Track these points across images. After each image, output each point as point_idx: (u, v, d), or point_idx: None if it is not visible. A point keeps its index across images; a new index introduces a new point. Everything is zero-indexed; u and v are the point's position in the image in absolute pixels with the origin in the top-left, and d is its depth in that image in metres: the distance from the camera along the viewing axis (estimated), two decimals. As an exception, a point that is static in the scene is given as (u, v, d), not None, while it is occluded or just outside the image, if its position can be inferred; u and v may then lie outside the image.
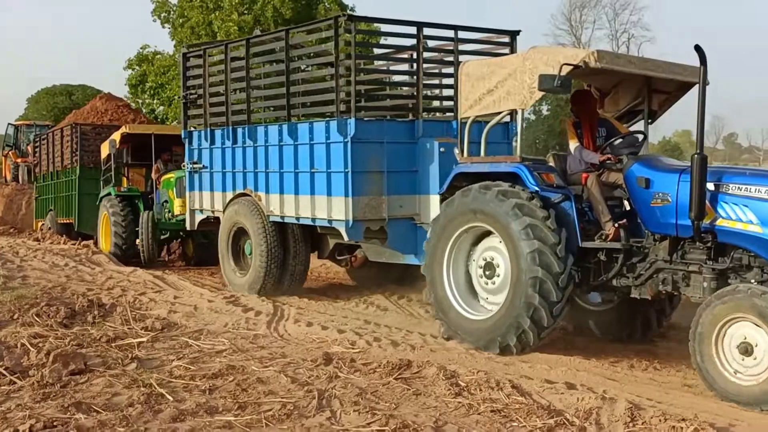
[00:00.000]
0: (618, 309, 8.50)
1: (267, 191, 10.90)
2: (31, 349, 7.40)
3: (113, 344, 7.97)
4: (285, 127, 10.51)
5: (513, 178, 7.93)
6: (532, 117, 39.32)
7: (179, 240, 16.57)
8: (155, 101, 33.19)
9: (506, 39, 10.41)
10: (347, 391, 6.25)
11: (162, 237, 15.64)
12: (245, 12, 32.33)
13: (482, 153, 8.52)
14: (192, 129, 12.67)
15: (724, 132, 58.92)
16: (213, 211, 12.17)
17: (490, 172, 8.13)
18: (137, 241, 15.80)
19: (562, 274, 7.42)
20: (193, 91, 12.45)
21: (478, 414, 5.76)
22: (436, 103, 11.25)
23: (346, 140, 9.50)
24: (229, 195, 11.66)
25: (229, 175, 11.71)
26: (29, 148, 31.64)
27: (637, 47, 52.26)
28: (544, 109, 40.62)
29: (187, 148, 12.71)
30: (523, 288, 7.48)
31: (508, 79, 8.01)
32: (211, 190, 12.14)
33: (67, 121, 23.60)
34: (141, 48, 34.51)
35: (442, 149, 9.47)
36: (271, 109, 11.26)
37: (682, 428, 5.35)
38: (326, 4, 32.57)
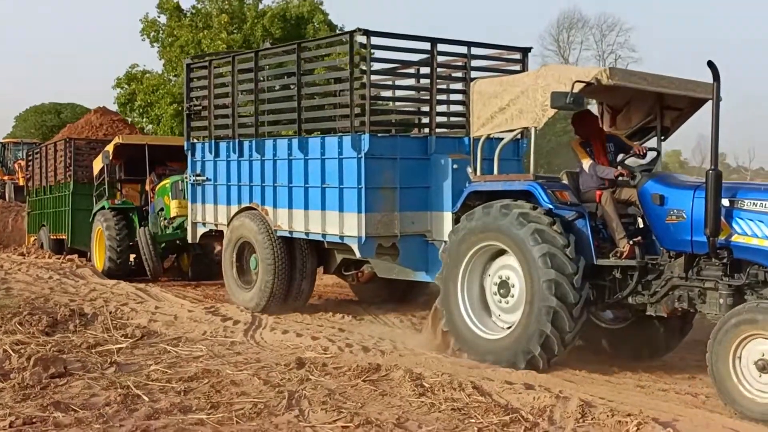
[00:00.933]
0: (635, 327, 8.43)
1: (275, 206, 10.81)
2: (13, 354, 7.63)
3: (93, 350, 8.30)
4: (295, 141, 10.45)
5: (526, 196, 7.91)
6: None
7: (174, 254, 16.36)
8: (144, 120, 33.01)
9: (518, 56, 10.45)
10: (317, 392, 6.60)
11: (161, 249, 15.40)
12: (234, 31, 32.29)
13: (495, 171, 8.54)
14: (195, 141, 12.55)
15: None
16: (216, 225, 12.03)
17: (503, 191, 8.11)
18: (132, 256, 15.66)
19: (576, 304, 7.39)
20: (197, 103, 12.32)
21: (439, 412, 6.13)
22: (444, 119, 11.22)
23: (359, 156, 9.46)
24: (234, 209, 11.55)
25: (234, 189, 11.60)
26: (16, 166, 31.51)
27: (624, 67, 52.78)
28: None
29: (189, 160, 12.58)
30: (537, 315, 7.45)
31: (521, 96, 8.03)
32: (215, 203, 12.01)
33: (62, 135, 23.44)
34: (130, 67, 34.18)
35: (455, 166, 9.45)
36: (263, 123, 11.16)
37: (627, 422, 5.71)
38: (315, 24, 32.60)
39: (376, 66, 9.72)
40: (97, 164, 16.86)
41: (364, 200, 9.43)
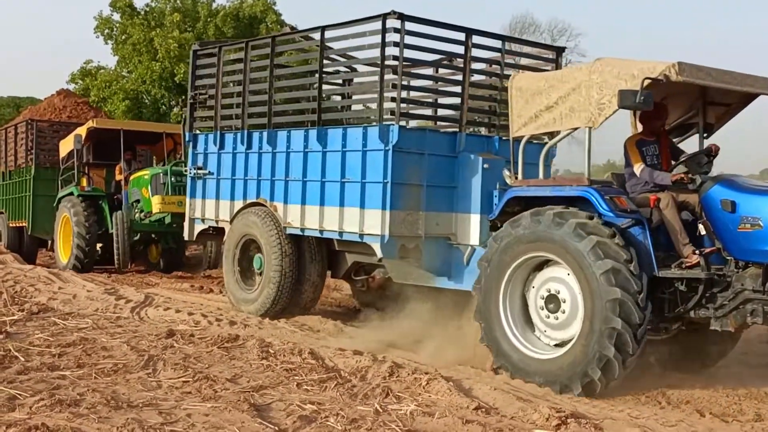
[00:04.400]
0: (684, 339, 7.89)
1: (285, 201, 9.93)
2: None
3: (-12, 322, 8.93)
4: (313, 132, 9.60)
5: (575, 202, 7.25)
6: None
7: (141, 245, 15.47)
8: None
9: (552, 55, 9.86)
10: (174, 356, 7.52)
11: (134, 239, 14.61)
12: (187, 29, 31.80)
13: (540, 175, 7.91)
14: (197, 132, 11.57)
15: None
16: (217, 222, 11.06)
17: (551, 196, 7.43)
18: (99, 245, 14.93)
19: (640, 293, 6.76)
20: (202, 92, 11.35)
21: (272, 371, 7.12)
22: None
23: (387, 148, 8.68)
24: (239, 204, 10.62)
25: (239, 183, 10.67)
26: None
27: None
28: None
29: (190, 152, 11.60)
30: (598, 337, 6.77)
31: (572, 94, 7.39)
32: (217, 198, 11.03)
33: (23, 117, 22.08)
34: (85, 63, 33.80)
35: (485, 165, 8.75)
36: (277, 113, 10.41)
37: (421, 378, 6.82)
38: (268, 24, 32.17)
39: (408, 53, 8.94)
40: (66, 147, 15.80)
41: (389, 196, 8.66)
